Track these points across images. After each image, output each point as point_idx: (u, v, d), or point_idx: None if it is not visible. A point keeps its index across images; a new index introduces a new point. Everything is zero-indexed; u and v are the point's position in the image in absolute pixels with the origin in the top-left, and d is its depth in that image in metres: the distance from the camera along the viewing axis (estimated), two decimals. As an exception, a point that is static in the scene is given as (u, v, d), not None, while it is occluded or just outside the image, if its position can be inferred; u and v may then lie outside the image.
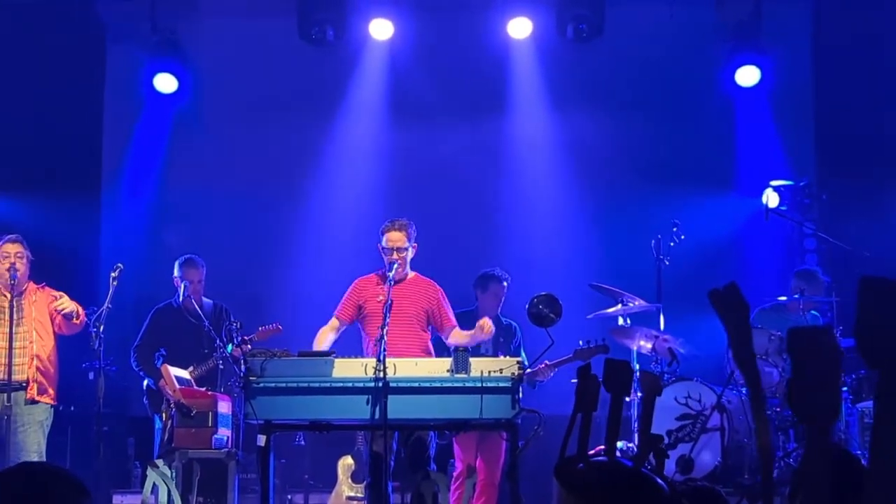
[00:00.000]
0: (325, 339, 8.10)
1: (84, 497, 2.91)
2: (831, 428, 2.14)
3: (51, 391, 8.39)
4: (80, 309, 8.39)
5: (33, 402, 8.28)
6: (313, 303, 9.38)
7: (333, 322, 8.21)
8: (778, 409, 8.57)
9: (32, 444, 8.23)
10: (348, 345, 8.11)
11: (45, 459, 7.89)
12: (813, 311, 9.21)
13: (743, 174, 11.11)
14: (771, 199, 10.42)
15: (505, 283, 9.06)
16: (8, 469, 3.15)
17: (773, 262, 10.78)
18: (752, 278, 10.43)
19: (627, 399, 8.59)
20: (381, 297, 7.92)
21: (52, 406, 8.41)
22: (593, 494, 2.29)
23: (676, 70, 11.12)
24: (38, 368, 8.31)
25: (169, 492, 7.64)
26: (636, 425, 8.16)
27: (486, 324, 7.85)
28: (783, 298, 9.26)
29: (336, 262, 10.09)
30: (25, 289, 8.50)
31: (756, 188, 10.74)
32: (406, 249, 8.01)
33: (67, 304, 8.38)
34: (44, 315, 8.47)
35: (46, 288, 8.64)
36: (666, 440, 7.88)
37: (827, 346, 2.12)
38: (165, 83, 11.14)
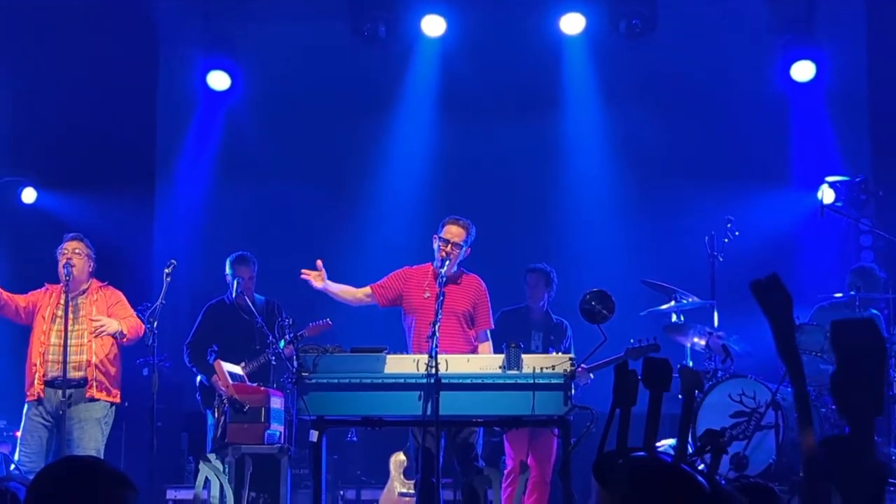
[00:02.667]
0: (346, 291, 8.13)
1: (128, 489, 2.92)
2: (873, 421, 2.10)
3: (113, 389, 8.44)
4: (127, 327, 8.43)
5: (92, 399, 8.34)
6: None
7: (367, 290, 8.18)
8: (834, 408, 8.47)
9: (90, 441, 8.28)
10: (394, 338, 8.08)
11: (101, 457, 7.94)
12: (873, 310, 9.09)
13: (798, 170, 11.00)
14: (826, 195, 10.29)
15: (542, 275, 9.02)
16: (52, 463, 3.17)
17: (828, 259, 10.67)
18: (806, 275, 10.32)
19: (680, 396, 8.54)
20: (427, 294, 7.89)
21: (112, 404, 8.46)
22: (629, 491, 2.26)
23: (730, 65, 11.03)
24: (98, 368, 8.37)
25: (221, 486, 7.68)
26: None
27: None
28: (839, 295, 9.15)
29: (387, 258, 10.06)
30: (88, 287, 8.56)
31: (811, 184, 10.62)
32: (460, 246, 7.96)
33: (107, 326, 8.43)
34: (104, 314, 8.52)
35: (109, 287, 8.70)
36: (720, 438, 7.80)
37: (870, 338, 2.08)
38: (218, 80, 11.20)
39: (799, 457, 7.95)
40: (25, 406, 8.41)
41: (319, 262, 7.93)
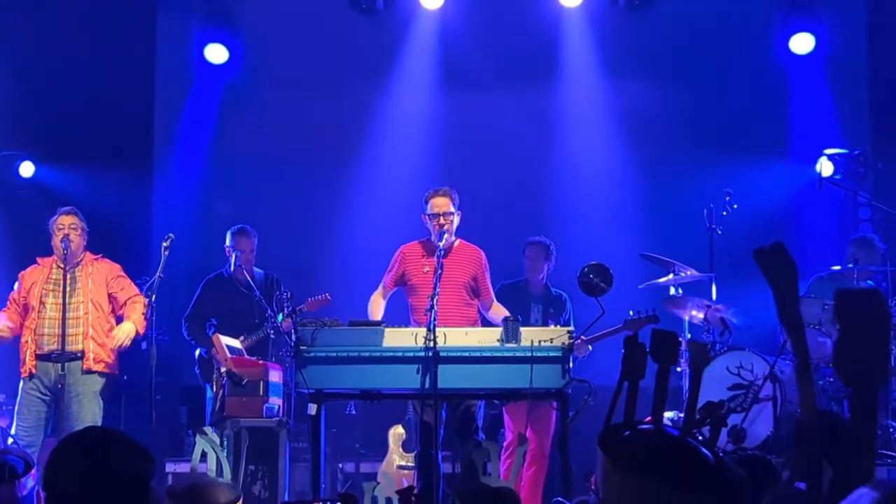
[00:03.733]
0: (378, 306, 8.18)
1: (148, 462, 2.96)
2: (877, 391, 2.10)
3: (109, 361, 8.45)
4: (139, 322, 8.41)
5: (89, 372, 8.35)
6: (363, 273, 9.39)
7: (381, 290, 8.27)
8: (831, 380, 8.49)
9: (87, 414, 8.31)
10: (396, 313, 8.13)
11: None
12: (869, 281, 9.10)
13: (796, 142, 10.98)
14: (825, 167, 10.28)
15: (542, 247, 9.04)
16: (76, 432, 3.19)
17: (826, 232, 10.67)
18: (805, 247, 10.33)
19: (678, 370, 8.58)
20: (427, 269, 7.95)
21: (110, 375, 8.48)
22: (635, 463, 2.27)
23: (730, 37, 11.00)
24: (93, 339, 8.38)
25: (218, 459, 7.69)
26: (687, 395, 8.11)
27: None
28: (837, 268, 9.16)
29: (386, 231, 10.08)
30: (81, 260, 8.56)
31: (810, 157, 10.61)
32: (452, 214, 8.02)
33: (126, 339, 8.41)
34: (100, 287, 8.53)
35: (104, 259, 8.70)
36: (718, 410, 7.82)
37: (875, 308, 2.08)
38: (216, 54, 11.16)
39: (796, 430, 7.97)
40: (21, 381, 8.42)
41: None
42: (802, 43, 10.84)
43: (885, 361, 2.10)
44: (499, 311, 8.11)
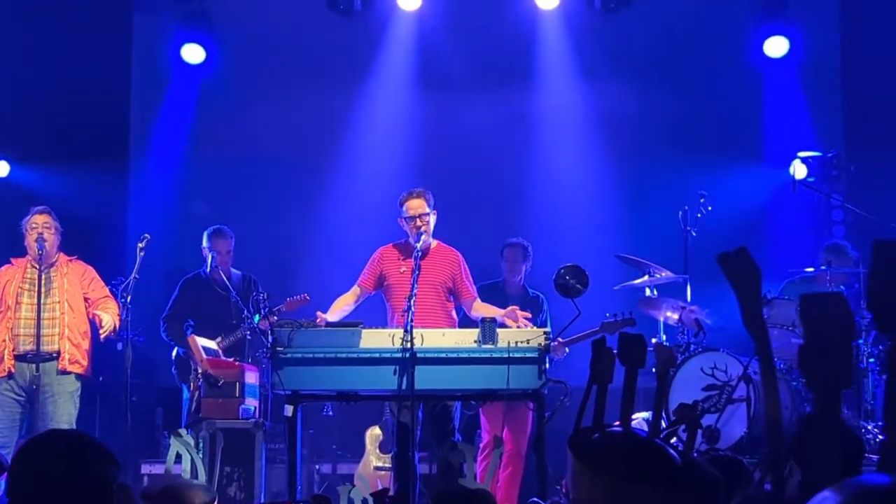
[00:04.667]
0: (340, 306, 8.12)
1: (114, 466, 2.94)
2: (840, 395, 2.14)
3: (83, 362, 8.44)
4: (118, 322, 8.43)
5: (64, 372, 8.34)
6: (341, 273, 9.39)
7: (355, 290, 8.24)
8: (804, 381, 8.53)
9: (63, 415, 8.29)
10: (373, 315, 8.14)
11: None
12: (842, 286, 9.17)
13: (770, 145, 11.05)
14: (798, 170, 10.34)
15: (521, 249, 9.07)
16: (40, 435, 3.19)
17: (800, 234, 10.74)
18: (779, 249, 10.40)
19: (653, 370, 8.59)
20: (403, 269, 7.96)
21: (84, 377, 8.47)
22: (604, 465, 2.30)
23: (705, 41, 11.06)
24: (69, 340, 8.37)
25: (193, 461, 7.69)
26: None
27: (517, 318, 7.76)
28: (811, 270, 9.23)
29: (364, 232, 10.10)
30: (56, 261, 8.55)
31: (784, 159, 10.67)
32: (428, 215, 8.03)
33: (110, 327, 8.40)
34: (75, 287, 8.51)
35: (78, 260, 8.68)
36: (692, 411, 7.85)
37: (838, 312, 2.11)
38: (193, 53, 11.14)
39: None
40: (-4, 382, 8.40)
41: (319, 313, 7.90)
42: (777, 46, 10.90)
43: (848, 364, 2.14)
44: (484, 309, 8.12)
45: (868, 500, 1.83)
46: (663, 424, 2.85)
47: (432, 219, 8.10)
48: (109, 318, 8.41)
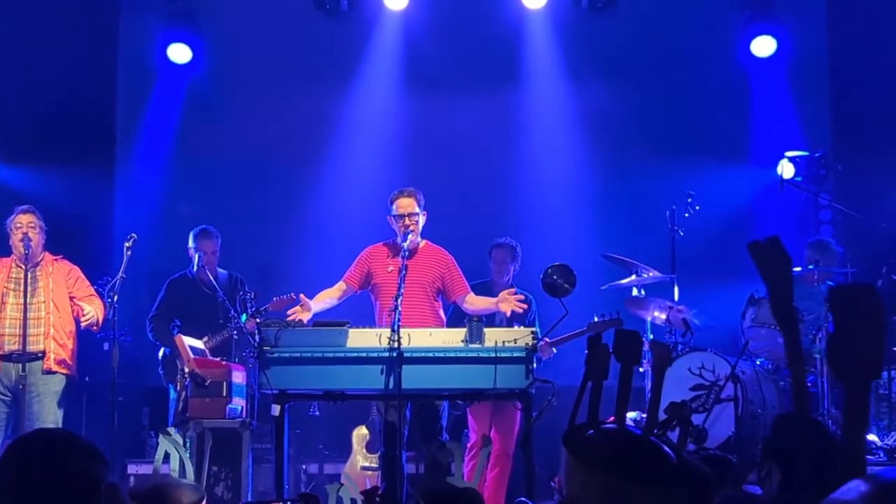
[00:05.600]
0: (323, 297, 8.16)
1: (100, 464, 2.92)
2: (870, 385, 2.13)
3: (69, 362, 8.41)
4: (101, 317, 8.40)
5: (49, 372, 8.30)
6: (328, 273, 9.34)
7: (340, 285, 8.26)
8: (833, 372, 8.53)
9: (48, 415, 8.26)
10: (361, 314, 8.12)
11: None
12: (828, 282, 9.18)
13: (758, 145, 11.06)
14: (786, 169, 10.34)
15: (509, 249, 9.05)
16: (26, 435, 3.16)
17: (787, 233, 10.57)
18: (766, 249, 10.39)
19: (641, 370, 8.62)
20: (391, 268, 7.96)
21: (69, 377, 8.43)
22: (600, 461, 2.29)
23: (692, 40, 11.06)
24: (55, 339, 8.33)
25: (181, 460, 7.67)
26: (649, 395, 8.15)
27: (510, 302, 7.79)
28: (797, 269, 9.23)
29: (350, 232, 10.08)
30: (41, 260, 8.51)
31: (771, 159, 10.67)
32: (417, 215, 8.03)
33: (92, 317, 8.37)
34: (60, 287, 8.48)
35: (64, 260, 8.65)
36: (680, 411, 7.85)
37: (869, 302, 2.11)
38: (179, 53, 11.11)
39: (757, 429, 8.02)
40: (-20, 382, 8.36)
41: (303, 296, 7.89)
42: (763, 46, 10.92)
43: (881, 354, 2.13)
44: (478, 301, 8.14)
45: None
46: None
47: (421, 219, 8.09)
48: (92, 309, 8.39)
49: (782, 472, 2.55)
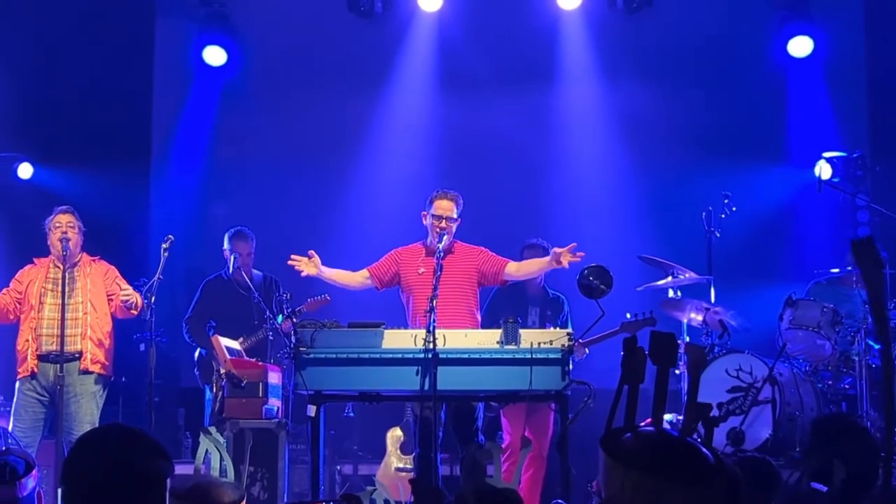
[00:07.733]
0: (340, 275, 8.19)
1: (166, 461, 2.97)
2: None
3: (105, 363, 8.43)
4: (140, 300, 8.41)
5: (87, 372, 8.33)
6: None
7: (364, 272, 8.21)
8: (830, 383, 8.50)
9: (86, 415, 8.29)
10: (395, 315, 8.10)
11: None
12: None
13: (795, 145, 10.99)
14: (824, 170, 10.28)
15: (541, 250, 9.01)
16: (96, 428, 3.21)
17: (825, 235, 10.67)
18: (803, 251, 10.36)
19: (677, 372, 8.58)
20: (422, 270, 7.91)
21: (106, 377, 8.46)
22: (638, 464, 2.29)
23: (728, 41, 11.01)
24: (91, 340, 8.36)
25: (222, 459, 7.69)
26: (685, 398, 8.11)
27: (565, 256, 7.75)
28: (836, 271, 9.17)
29: (385, 233, 10.08)
30: (79, 260, 8.54)
31: (808, 160, 10.62)
32: (455, 220, 7.99)
33: (131, 295, 8.41)
34: (98, 287, 8.51)
35: (101, 261, 8.68)
36: (716, 412, 7.83)
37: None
38: (214, 56, 11.16)
39: (795, 432, 7.98)
40: (17, 382, 8.39)
41: (312, 252, 7.92)
42: (801, 46, 10.85)
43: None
44: (525, 266, 8.16)
45: None
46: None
47: (455, 226, 8.04)
48: (131, 289, 8.42)
49: (847, 470, 2.54)
